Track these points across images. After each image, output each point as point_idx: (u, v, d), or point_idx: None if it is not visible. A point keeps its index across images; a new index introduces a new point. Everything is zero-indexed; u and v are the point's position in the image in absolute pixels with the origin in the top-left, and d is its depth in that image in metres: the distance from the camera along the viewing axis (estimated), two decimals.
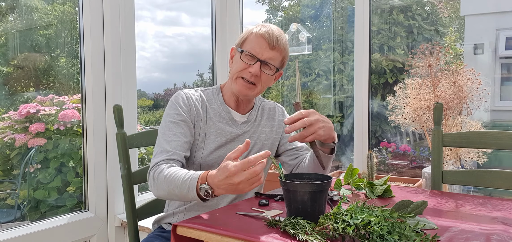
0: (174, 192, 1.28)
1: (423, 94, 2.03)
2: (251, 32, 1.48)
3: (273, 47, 1.46)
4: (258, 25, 1.50)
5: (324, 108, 4.50)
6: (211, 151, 1.49)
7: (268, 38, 1.45)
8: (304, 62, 4.63)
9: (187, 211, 1.52)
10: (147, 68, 3.50)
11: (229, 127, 1.53)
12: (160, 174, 1.33)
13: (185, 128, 1.45)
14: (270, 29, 1.47)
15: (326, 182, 1.10)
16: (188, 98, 1.49)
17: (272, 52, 1.46)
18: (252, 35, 1.47)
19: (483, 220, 1.17)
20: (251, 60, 1.46)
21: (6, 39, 2.36)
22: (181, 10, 4.16)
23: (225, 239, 1.04)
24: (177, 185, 1.26)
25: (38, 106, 2.35)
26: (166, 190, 1.31)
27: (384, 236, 0.93)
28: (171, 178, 1.29)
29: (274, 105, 1.69)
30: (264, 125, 1.62)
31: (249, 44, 1.47)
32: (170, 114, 1.47)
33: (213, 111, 1.53)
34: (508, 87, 3.52)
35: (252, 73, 1.45)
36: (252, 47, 1.46)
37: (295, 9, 5.33)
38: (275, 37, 1.46)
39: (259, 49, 1.45)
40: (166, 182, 1.30)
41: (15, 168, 2.30)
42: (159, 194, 1.36)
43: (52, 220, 2.02)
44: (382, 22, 4.14)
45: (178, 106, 1.47)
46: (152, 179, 1.37)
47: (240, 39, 1.51)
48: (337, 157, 4.48)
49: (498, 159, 2.89)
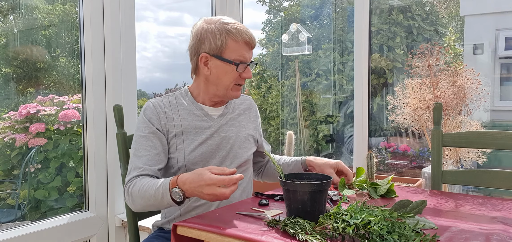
0: (149, 201, 1.32)
1: (423, 94, 2.04)
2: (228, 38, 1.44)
3: (253, 47, 1.52)
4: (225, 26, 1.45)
5: (324, 108, 4.51)
6: (192, 150, 1.48)
7: (250, 42, 1.49)
8: (304, 62, 4.64)
9: (182, 215, 1.53)
10: (148, 68, 3.51)
11: (205, 122, 1.52)
12: (133, 188, 1.37)
13: (155, 140, 1.45)
14: (246, 30, 1.49)
15: (326, 182, 1.10)
16: (156, 107, 1.49)
17: (252, 51, 1.53)
18: (233, 43, 1.45)
19: (483, 220, 1.17)
20: (242, 67, 1.48)
21: (7, 39, 2.36)
22: (183, 10, 4.17)
23: (225, 239, 1.04)
24: (151, 194, 1.31)
25: (38, 106, 2.35)
26: (141, 203, 1.35)
27: (384, 235, 0.93)
28: (144, 189, 1.33)
29: (248, 99, 1.71)
30: (242, 118, 1.62)
31: (235, 53, 1.45)
32: (140, 128, 1.48)
33: (186, 111, 1.52)
34: (507, 87, 3.52)
35: (248, 77, 1.50)
36: (241, 55, 1.47)
37: (295, 9, 5.33)
38: (254, 38, 1.51)
39: (246, 53, 1.48)
40: (140, 195, 1.34)
41: (16, 168, 2.31)
42: (137, 208, 1.40)
43: (52, 220, 2.02)
44: (382, 22, 4.15)
45: (147, 118, 1.47)
46: (127, 196, 1.40)
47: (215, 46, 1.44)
48: (337, 157, 4.49)
49: (498, 159, 2.89)
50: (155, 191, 1.29)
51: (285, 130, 4.58)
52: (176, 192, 1.24)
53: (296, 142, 3.41)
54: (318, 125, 4.45)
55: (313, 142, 4.45)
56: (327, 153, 4.52)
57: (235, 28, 1.46)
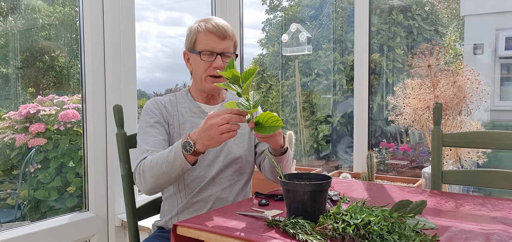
0: (161, 168, 1.33)
1: (423, 94, 2.03)
2: (198, 31, 1.53)
3: (224, 38, 1.52)
4: (200, 22, 1.54)
5: (324, 108, 4.51)
6: None
7: (217, 31, 1.51)
8: (304, 62, 4.64)
9: (179, 213, 1.54)
10: (148, 68, 3.51)
11: (201, 119, 1.56)
12: (144, 164, 1.39)
13: (160, 128, 1.52)
14: (215, 22, 1.52)
15: (326, 182, 1.10)
16: (157, 102, 1.57)
17: (224, 42, 1.53)
18: (201, 34, 1.52)
19: (483, 220, 1.17)
20: (210, 57, 1.52)
21: (7, 40, 2.36)
22: (183, 10, 4.17)
23: (225, 239, 1.04)
24: (163, 160, 1.33)
25: (38, 106, 2.35)
26: (153, 173, 1.35)
27: (384, 236, 0.93)
28: (156, 158, 1.35)
29: None
30: None
31: (202, 44, 1.52)
32: (144, 120, 1.53)
33: (184, 109, 1.59)
34: (507, 87, 3.52)
35: (217, 67, 1.51)
36: (207, 44, 1.51)
37: (295, 9, 5.33)
38: (222, 27, 1.52)
39: (213, 43, 1.51)
40: (152, 165, 1.35)
41: (15, 168, 2.31)
42: (147, 185, 1.39)
43: (52, 220, 2.02)
44: (382, 22, 4.15)
45: (150, 111, 1.54)
46: (137, 175, 1.41)
47: (189, 42, 1.56)
48: (337, 157, 4.48)
49: (498, 159, 2.89)
50: (167, 154, 1.33)
51: (285, 130, 4.58)
52: (187, 142, 1.28)
53: (296, 142, 3.41)
54: (318, 125, 4.45)
55: (313, 142, 4.45)
56: (327, 152, 4.52)
57: (204, 21, 1.53)
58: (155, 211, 1.77)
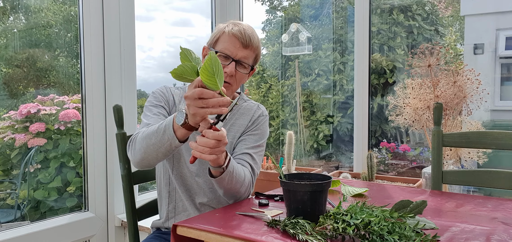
0: (150, 141, 1.30)
1: (423, 94, 2.03)
2: (223, 31, 1.47)
3: (246, 46, 1.45)
4: (229, 24, 1.49)
5: (324, 108, 4.51)
6: None
7: (241, 37, 1.44)
8: (304, 62, 4.64)
9: (177, 214, 1.54)
10: (153, 68, 3.51)
11: None
12: (137, 135, 1.38)
13: (163, 110, 1.51)
14: (242, 28, 1.46)
15: (326, 182, 1.10)
16: (167, 89, 1.57)
17: (245, 51, 1.45)
18: (225, 35, 1.46)
19: (483, 220, 1.17)
20: (225, 60, 1.44)
21: (7, 39, 2.36)
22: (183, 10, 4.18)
23: (225, 239, 1.04)
24: (153, 132, 1.30)
25: (39, 106, 2.35)
26: (142, 146, 1.33)
27: (384, 236, 0.93)
28: (147, 132, 1.33)
29: (257, 108, 1.62)
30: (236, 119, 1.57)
31: (222, 44, 1.46)
32: (149, 101, 1.54)
33: None
34: (508, 87, 3.52)
35: (227, 74, 1.43)
36: (226, 47, 1.44)
37: (295, 9, 5.33)
38: (247, 35, 1.45)
39: (233, 48, 1.44)
40: (142, 138, 1.34)
41: (15, 168, 2.31)
42: (136, 157, 1.37)
43: (52, 220, 2.02)
44: (382, 22, 4.15)
45: (157, 94, 1.54)
46: (130, 144, 1.41)
47: (212, 38, 1.51)
48: (337, 157, 4.49)
49: (498, 159, 2.89)
50: (158, 126, 1.30)
51: (285, 130, 4.58)
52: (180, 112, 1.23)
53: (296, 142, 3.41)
54: (318, 125, 4.45)
55: (313, 142, 4.45)
56: (327, 152, 4.52)
57: (234, 23, 1.49)
58: (155, 211, 1.76)
